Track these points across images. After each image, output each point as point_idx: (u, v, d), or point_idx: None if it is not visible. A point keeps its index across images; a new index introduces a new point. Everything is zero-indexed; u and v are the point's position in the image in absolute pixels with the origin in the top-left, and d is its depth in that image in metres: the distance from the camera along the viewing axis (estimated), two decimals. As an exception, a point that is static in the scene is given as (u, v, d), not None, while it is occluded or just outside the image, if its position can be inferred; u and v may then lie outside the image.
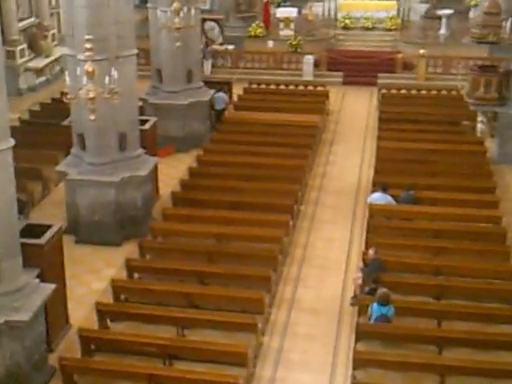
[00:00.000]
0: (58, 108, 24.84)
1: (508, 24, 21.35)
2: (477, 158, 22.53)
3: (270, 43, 33.02)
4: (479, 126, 24.52)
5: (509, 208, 19.89)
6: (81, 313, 15.60)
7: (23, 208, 16.90)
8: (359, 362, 13.56)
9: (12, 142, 12.54)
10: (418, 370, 13.57)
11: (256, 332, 14.44)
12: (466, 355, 13.90)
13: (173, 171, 22.43)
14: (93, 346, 14.43)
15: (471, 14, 34.13)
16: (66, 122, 21.42)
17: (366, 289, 15.50)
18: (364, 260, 16.47)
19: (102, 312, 15.06)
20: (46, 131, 23.47)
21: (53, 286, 13.67)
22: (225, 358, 13.77)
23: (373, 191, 19.76)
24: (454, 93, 28.61)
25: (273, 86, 30.16)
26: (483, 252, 17.16)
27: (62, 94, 21.06)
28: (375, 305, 14.43)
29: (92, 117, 14.59)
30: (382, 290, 14.44)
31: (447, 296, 15.79)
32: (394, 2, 35.55)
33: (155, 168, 20.06)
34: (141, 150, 19.23)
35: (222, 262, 16.94)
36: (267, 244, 17.54)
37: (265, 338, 14.87)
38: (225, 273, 16.31)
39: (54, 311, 14.42)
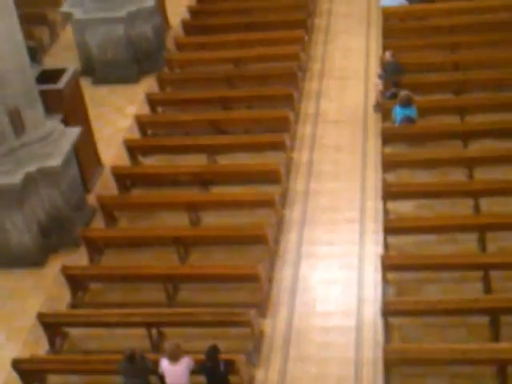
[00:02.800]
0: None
1: None
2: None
3: None
4: None
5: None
6: (111, 152, 16.05)
7: (34, 54, 16.92)
8: (388, 165, 14.03)
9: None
10: (445, 165, 14.03)
11: (285, 149, 14.87)
12: (491, 145, 14.31)
13: (179, -1, 22.10)
14: (128, 183, 15.00)
15: None
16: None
17: (388, 93, 15.70)
18: (382, 65, 16.54)
19: (132, 148, 15.51)
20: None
21: (79, 129, 14.00)
22: (258, 178, 14.30)
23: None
24: None
25: None
26: (500, 42, 17.10)
27: None
28: (398, 107, 14.71)
29: None
30: (403, 92, 14.67)
31: (468, 90, 16.02)
32: None
33: (161, -1, 19.82)
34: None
35: (243, 86, 17.12)
36: (285, 62, 17.59)
37: (294, 153, 15.32)
38: (247, 95, 16.55)
39: (85, 153, 14.86)
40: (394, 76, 15.88)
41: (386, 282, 11.82)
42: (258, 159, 14.86)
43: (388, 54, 16.28)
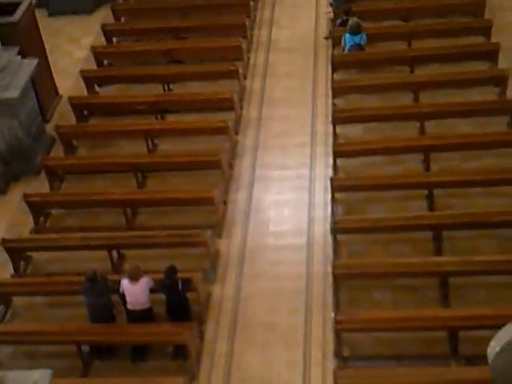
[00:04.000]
0: None
1: None
2: None
3: None
4: None
5: None
6: (68, 83, 15.97)
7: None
8: (338, 91, 14.22)
9: None
10: (392, 89, 14.26)
11: (238, 77, 14.94)
12: (436, 70, 14.54)
13: None
14: (86, 112, 15.01)
15: None
16: None
17: (338, 21, 15.78)
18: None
19: (88, 79, 15.47)
20: None
21: (36, 61, 13.92)
22: (212, 106, 14.40)
23: None
24: None
25: None
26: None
27: None
28: (347, 35, 14.82)
29: None
30: (352, 20, 14.75)
31: (415, 17, 16.15)
32: None
33: None
34: None
35: (197, 15, 17.03)
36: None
37: (247, 81, 15.41)
38: (200, 25, 16.51)
39: (42, 84, 14.81)
40: (344, 4, 15.92)
41: (334, 202, 12.13)
42: (212, 87, 14.92)
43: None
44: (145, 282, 10.24)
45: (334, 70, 14.86)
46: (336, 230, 11.42)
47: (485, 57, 14.63)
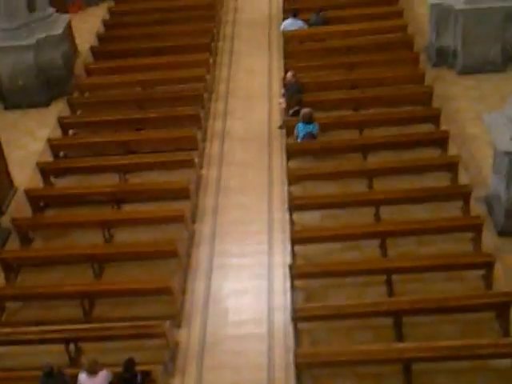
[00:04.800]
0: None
1: None
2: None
3: None
4: None
5: (413, 16, 20.28)
6: (24, 175, 15.70)
7: None
8: (293, 178, 14.19)
9: None
10: (346, 176, 14.30)
11: (194, 166, 14.86)
12: (388, 157, 14.66)
13: (87, 26, 21.88)
14: (42, 204, 14.69)
15: None
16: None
17: (291, 111, 15.92)
18: (284, 84, 16.76)
19: (45, 170, 15.23)
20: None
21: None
22: (168, 195, 14.24)
23: (284, 18, 19.76)
24: None
25: None
26: (394, 61, 17.61)
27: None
28: (300, 124, 14.92)
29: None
30: (305, 110, 14.88)
31: (365, 106, 16.36)
32: None
33: (69, 25, 19.56)
34: (51, 9, 18.72)
35: (152, 107, 17.03)
36: (192, 84, 17.64)
37: (203, 170, 15.32)
38: (156, 117, 16.47)
39: (-3, 176, 14.53)
40: (295, 95, 16.12)
41: (294, 289, 11.90)
42: (169, 177, 14.79)
43: (289, 75, 16.50)
44: (103, 376, 9.86)
45: (288, 158, 14.88)
46: (296, 318, 11.16)
47: (435, 144, 14.82)
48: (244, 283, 12.46)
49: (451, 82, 17.39)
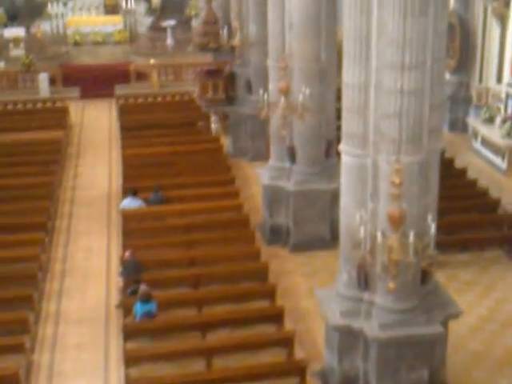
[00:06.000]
0: None
1: (225, 31, 22.41)
2: (215, 154, 23.34)
3: (1, 64, 31.76)
4: (213, 125, 25.40)
5: (248, 196, 20.94)
6: None
7: None
8: (130, 360, 13.61)
9: None
10: (185, 356, 13.91)
11: (25, 351, 13.97)
12: (228, 334, 14.50)
13: None
14: None
15: (193, 24, 35.18)
16: None
17: (129, 290, 15.58)
18: (123, 263, 16.50)
19: None
20: None
21: None
22: (-3, 381, 13.23)
23: (124, 197, 19.81)
24: (186, 97, 29.34)
25: (10, 106, 29.12)
26: (230, 239, 17.91)
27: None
28: (138, 303, 14.57)
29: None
30: (142, 289, 14.61)
31: (204, 283, 16.30)
32: (120, 17, 35.71)
33: None
34: None
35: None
36: (25, 263, 16.97)
37: (35, 355, 14.42)
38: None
39: None
40: (134, 274, 15.86)
41: None
42: (-2, 363, 13.81)
43: (128, 253, 16.31)
44: None
45: (126, 339, 14.33)
46: None
47: (271, 320, 14.85)
48: None
49: (285, 259, 17.83)
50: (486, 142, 22.90)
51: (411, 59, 10.96)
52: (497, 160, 22.19)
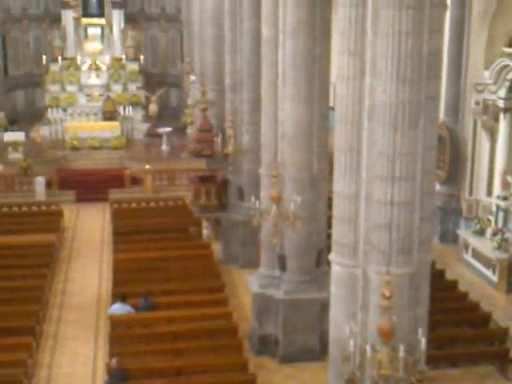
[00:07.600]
0: None
1: (219, 139, 22.72)
2: (205, 260, 23.06)
3: (0, 167, 31.98)
4: (205, 231, 25.31)
5: (237, 303, 20.57)
6: None
7: None
8: None
9: None
10: None
11: None
12: None
13: None
14: None
15: (188, 131, 35.68)
16: None
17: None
18: (109, 371, 16.00)
19: None
20: None
21: None
22: None
23: (113, 302, 19.43)
24: (179, 202, 29.38)
25: (5, 209, 29.07)
26: (218, 348, 17.45)
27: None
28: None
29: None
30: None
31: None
32: (117, 123, 36.24)
33: None
34: None
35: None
36: (11, 368, 16.43)
37: None
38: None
39: None
40: (120, 382, 15.36)
41: None
42: None
43: (114, 361, 15.84)
44: None
45: None
46: None
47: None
48: None
49: (273, 371, 17.31)
50: (476, 254, 22.73)
51: (401, 171, 11.01)
52: (488, 272, 21.97)
